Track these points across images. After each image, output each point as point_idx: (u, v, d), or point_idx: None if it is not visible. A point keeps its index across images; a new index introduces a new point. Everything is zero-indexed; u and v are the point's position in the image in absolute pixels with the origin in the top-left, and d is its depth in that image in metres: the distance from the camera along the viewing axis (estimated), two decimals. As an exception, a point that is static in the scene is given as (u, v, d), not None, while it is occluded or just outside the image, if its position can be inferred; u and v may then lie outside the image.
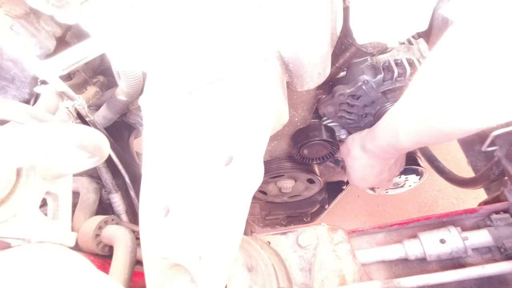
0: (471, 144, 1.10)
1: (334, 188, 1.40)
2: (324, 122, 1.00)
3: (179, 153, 0.61)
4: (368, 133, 0.81)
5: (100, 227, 0.81)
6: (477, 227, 0.80)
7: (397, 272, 0.80)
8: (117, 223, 0.87)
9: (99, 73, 1.07)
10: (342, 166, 1.12)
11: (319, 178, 1.14)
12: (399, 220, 0.83)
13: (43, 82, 0.84)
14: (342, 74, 0.89)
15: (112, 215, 0.91)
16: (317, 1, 0.56)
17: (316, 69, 0.65)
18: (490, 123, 0.49)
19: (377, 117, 0.91)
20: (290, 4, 0.55)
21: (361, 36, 0.68)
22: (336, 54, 0.82)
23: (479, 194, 1.09)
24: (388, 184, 1.00)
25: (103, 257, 0.81)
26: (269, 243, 0.78)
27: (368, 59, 0.83)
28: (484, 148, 0.77)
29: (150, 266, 0.58)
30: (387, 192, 1.22)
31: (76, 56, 0.77)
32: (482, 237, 0.75)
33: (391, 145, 0.72)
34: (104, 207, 1.00)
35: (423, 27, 0.66)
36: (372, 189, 1.19)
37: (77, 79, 1.00)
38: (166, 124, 0.66)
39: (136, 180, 1.01)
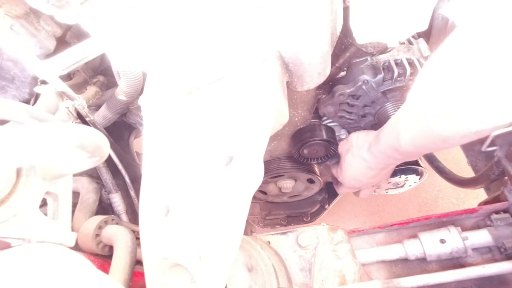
0: (471, 144, 1.10)
1: (334, 188, 1.40)
2: (324, 122, 1.00)
3: (179, 153, 0.61)
4: (373, 137, 0.80)
5: (100, 227, 0.81)
6: (477, 227, 0.80)
7: (397, 272, 0.80)
8: (117, 223, 0.87)
9: (99, 73, 1.07)
10: (336, 162, 1.10)
11: (319, 178, 1.14)
12: (399, 220, 0.83)
13: (43, 82, 0.84)
14: (342, 74, 0.89)
15: (112, 215, 0.91)
16: (317, 1, 0.56)
17: (316, 69, 0.65)
18: (491, 126, 0.49)
19: (377, 117, 0.91)
20: (290, 4, 0.55)
21: (361, 36, 0.68)
22: (336, 54, 0.82)
23: (479, 194, 1.09)
24: (372, 189, 1.01)
25: (103, 257, 0.81)
26: (269, 243, 0.78)
27: (368, 59, 0.83)
28: (484, 148, 0.77)
29: (150, 266, 0.58)
30: (387, 192, 1.21)
31: (76, 56, 0.77)
32: (482, 237, 0.75)
33: (393, 148, 0.72)
34: (104, 207, 1.00)
35: (423, 27, 0.66)
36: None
37: (77, 79, 1.00)
38: (166, 124, 0.66)
39: (136, 180, 1.01)
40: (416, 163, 1.08)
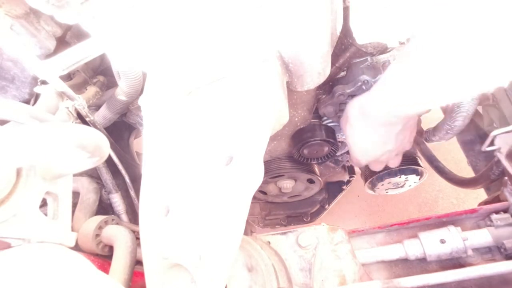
0: (471, 144, 1.10)
1: (334, 188, 1.40)
2: (324, 122, 1.00)
3: (179, 153, 0.61)
4: (366, 95, 0.72)
5: (100, 227, 0.81)
6: (477, 227, 0.80)
7: (397, 272, 0.80)
8: (117, 223, 0.87)
9: (99, 73, 1.07)
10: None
11: (319, 178, 1.14)
12: (399, 220, 0.83)
13: (43, 82, 0.84)
14: (342, 74, 0.89)
15: (112, 215, 0.91)
16: (317, 1, 0.56)
17: (316, 69, 0.66)
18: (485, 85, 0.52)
19: (377, 117, 0.91)
20: (290, 4, 0.55)
21: (361, 36, 0.68)
22: (336, 54, 0.82)
23: (479, 194, 1.09)
24: (397, 159, 0.87)
25: (103, 257, 0.81)
26: (269, 243, 0.78)
27: (368, 59, 0.83)
28: (484, 148, 0.77)
29: (150, 266, 0.58)
30: (387, 192, 1.21)
31: (76, 56, 0.77)
32: (482, 237, 0.75)
33: (389, 104, 0.66)
34: (104, 207, 1.00)
35: (423, 27, 0.66)
36: (372, 189, 1.19)
37: (77, 79, 1.00)
38: (166, 124, 0.66)
39: (136, 180, 1.01)
40: (416, 163, 1.08)
